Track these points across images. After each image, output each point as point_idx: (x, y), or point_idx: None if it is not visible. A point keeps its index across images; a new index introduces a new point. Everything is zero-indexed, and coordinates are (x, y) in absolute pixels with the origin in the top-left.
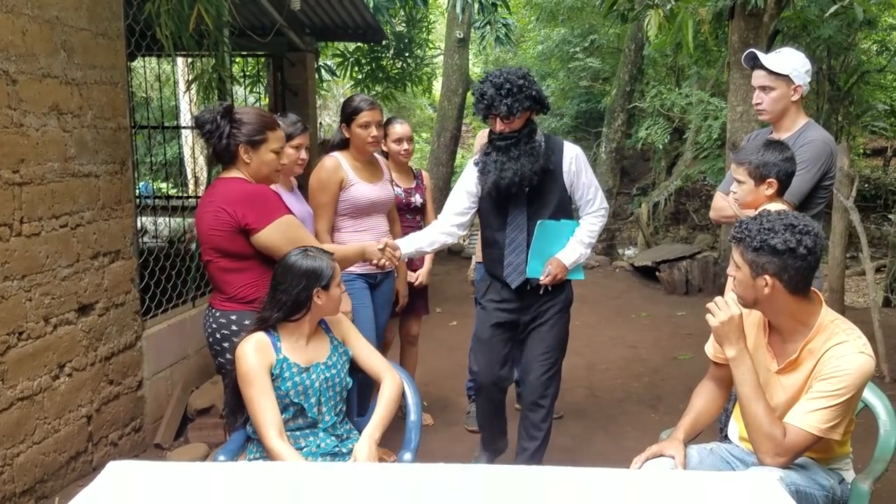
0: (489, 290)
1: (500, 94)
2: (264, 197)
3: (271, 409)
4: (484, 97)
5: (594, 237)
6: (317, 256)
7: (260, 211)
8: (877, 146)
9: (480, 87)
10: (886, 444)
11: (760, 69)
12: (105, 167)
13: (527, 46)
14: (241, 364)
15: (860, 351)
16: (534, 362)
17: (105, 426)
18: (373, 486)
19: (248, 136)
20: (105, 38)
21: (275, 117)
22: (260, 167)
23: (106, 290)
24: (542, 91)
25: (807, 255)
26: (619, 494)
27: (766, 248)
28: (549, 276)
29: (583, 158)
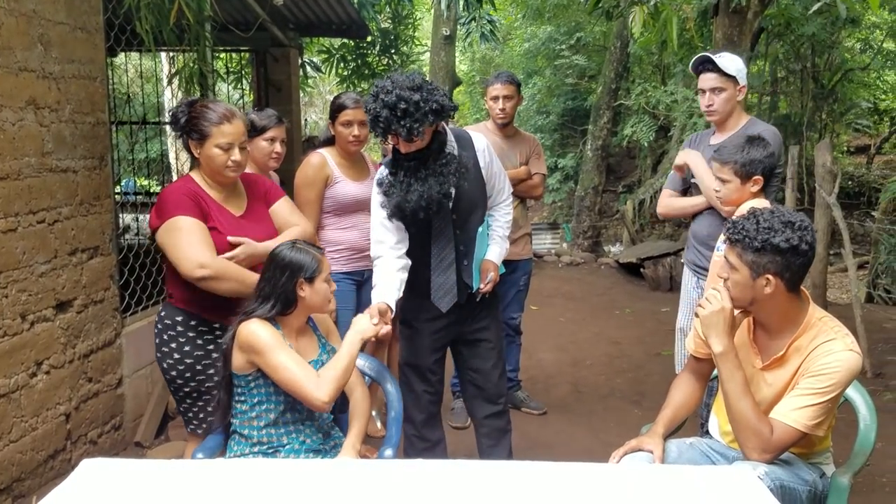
0: (421, 309)
1: (396, 115)
2: (165, 197)
3: (304, 365)
4: (379, 120)
5: (510, 227)
6: (303, 249)
7: (158, 210)
8: (860, 143)
9: (373, 106)
10: (866, 439)
11: (709, 72)
12: (83, 162)
13: (513, 44)
14: (254, 338)
15: (849, 349)
16: (491, 370)
17: (84, 424)
18: (354, 483)
19: (196, 129)
20: (83, 31)
21: (236, 112)
22: (207, 163)
23: (84, 286)
24: (445, 96)
25: (808, 251)
26: (597, 489)
27: (768, 248)
28: (491, 281)
29: (489, 146)
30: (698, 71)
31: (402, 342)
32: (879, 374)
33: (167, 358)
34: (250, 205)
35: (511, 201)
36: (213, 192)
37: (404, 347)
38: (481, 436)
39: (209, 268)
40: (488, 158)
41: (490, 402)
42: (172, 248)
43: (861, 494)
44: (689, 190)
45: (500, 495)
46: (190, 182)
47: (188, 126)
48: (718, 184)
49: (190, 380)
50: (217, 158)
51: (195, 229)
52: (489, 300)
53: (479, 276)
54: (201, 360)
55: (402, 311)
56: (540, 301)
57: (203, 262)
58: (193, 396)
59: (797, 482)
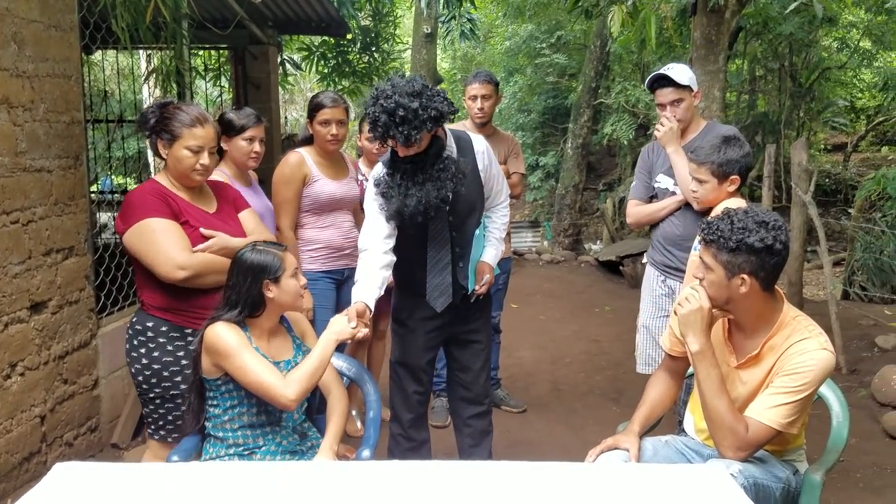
0: (416, 309)
1: (394, 121)
2: (130, 200)
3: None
4: (378, 124)
5: (507, 229)
6: (264, 250)
7: (123, 214)
8: (837, 141)
9: (372, 110)
10: (839, 436)
11: (665, 87)
12: (58, 162)
13: (494, 42)
14: (219, 341)
15: (822, 347)
16: (479, 372)
17: (59, 426)
18: (330, 485)
19: (166, 130)
20: (58, 30)
21: (209, 117)
22: (174, 164)
23: (59, 287)
24: (445, 101)
25: (782, 250)
26: (574, 488)
27: (743, 248)
28: (486, 283)
29: (489, 147)
30: (653, 88)
31: (395, 341)
32: (854, 370)
33: (136, 363)
34: (220, 206)
35: (508, 203)
36: (180, 193)
37: (397, 346)
38: (464, 436)
39: (189, 267)
40: (487, 161)
41: (475, 403)
42: (147, 252)
43: (835, 490)
44: (653, 197)
45: (478, 496)
46: (155, 184)
47: (159, 126)
48: (695, 184)
49: (156, 385)
50: (186, 160)
51: (168, 229)
52: (482, 302)
53: (475, 278)
54: (169, 367)
55: (396, 311)
56: (520, 299)
57: (182, 264)
58: (157, 402)
59: (771, 479)
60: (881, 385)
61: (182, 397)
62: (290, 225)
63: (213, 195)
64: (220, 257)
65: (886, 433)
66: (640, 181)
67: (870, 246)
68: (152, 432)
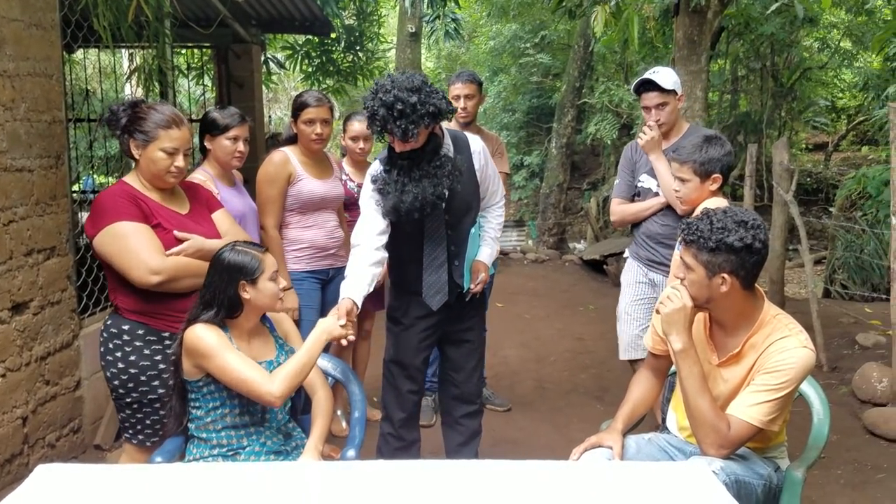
0: (411, 307)
1: (392, 115)
2: (100, 203)
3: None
4: (376, 118)
5: (501, 229)
6: (243, 251)
7: (92, 218)
8: (818, 141)
9: (371, 103)
10: (819, 432)
11: (651, 91)
12: (39, 161)
13: (479, 42)
14: (200, 342)
15: (803, 345)
16: (472, 371)
17: (42, 427)
18: (316, 485)
19: (139, 131)
20: (39, 28)
21: (183, 119)
22: (148, 165)
23: (41, 287)
24: (444, 99)
25: (761, 249)
26: (557, 486)
27: (722, 248)
28: (481, 282)
29: (485, 148)
30: (639, 91)
31: (389, 339)
32: (835, 367)
33: (111, 367)
34: (194, 207)
35: (503, 203)
36: (151, 194)
37: (391, 345)
38: (456, 433)
39: (162, 272)
40: (483, 161)
41: (467, 402)
42: (119, 257)
43: (816, 487)
44: (635, 196)
45: (463, 495)
46: (125, 185)
47: (132, 126)
48: (678, 183)
49: (132, 390)
50: (160, 162)
51: (140, 233)
52: (476, 301)
53: (470, 277)
54: (146, 371)
55: (392, 309)
56: (505, 298)
57: (155, 268)
58: (134, 407)
59: (752, 476)
60: (861, 382)
61: (160, 401)
62: (274, 224)
63: (185, 196)
64: (196, 260)
65: (867, 429)
66: (623, 180)
67: (850, 244)
68: (129, 436)
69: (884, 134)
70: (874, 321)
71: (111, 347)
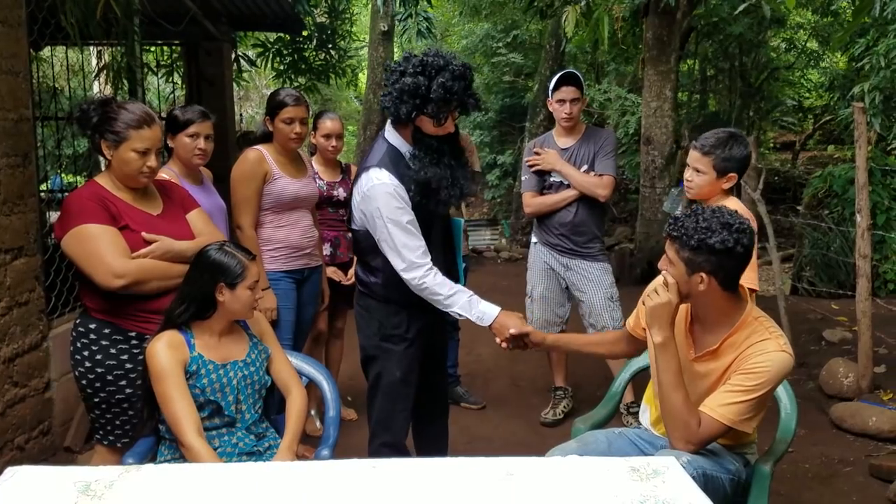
0: (412, 322)
1: (468, 84)
2: (68, 205)
3: (188, 406)
4: (452, 92)
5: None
6: (231, 253)
7: (61, 219)
8: (786, 140)
9: (442, 80)
10: (787, 427)
11: (572, 86)
12: (6, 160)
13: (451, 41)
14: (153, 362)
15: (781, 349)
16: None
17: (10, 430)
18: (289, 485)
19: (111, 131)
20: (5, 25)
21: (154, 117)
22: (120, 166)
23: (9, 288)
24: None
25: (743, 253)
26: (527, 481)
27: (703, 248)
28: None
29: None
30: (559, 85)
31: (392, 361)
32: (802, 363)
33: (79, 366)
34: (167, 207)
35: None
36: (122, 194)
37: (395, 366)
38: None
39: (126, 275)
40: None
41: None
42: (84, 260)
43: (785, 481)
44: (545, 189)
45: (435, 492)
46: (95, 186)
47: (102, 126)
48: (692, 173)
49: (100, 390)
50: (133, 163)
51: (105, 236)
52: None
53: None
54: (113, 370)
55: (391, 327)
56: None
57: (118, 272)
58: (103, 407)
59: (720, 471)
60: (828, 377)
61: (128, 402)
62: (250, 223)
63: (158, 196)
64: (163, 262)
65: (833, 424)
66: (532, 175)
67: (817, 242)
68: (100, 437)
69: (849, 133)
70: (841, 317)
71: (79, 347)
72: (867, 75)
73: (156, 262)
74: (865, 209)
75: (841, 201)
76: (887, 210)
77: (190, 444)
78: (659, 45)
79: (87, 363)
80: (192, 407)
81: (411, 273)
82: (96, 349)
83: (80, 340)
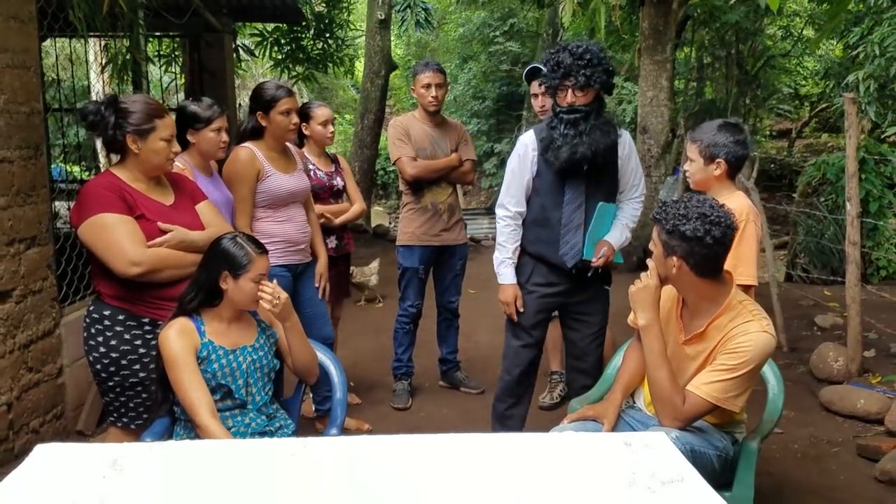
0: (533, 273)
1: (580, 63)
2: (88, 194)
3: (201, 389)
4: (560, 65)
5: (636, 222)
6: (240, 244)
7: (78, 208)
8: (782, 128)
9: (555, 55)
10: (774, 406)
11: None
12: (19, 152)
13: (448, 28)
14: (165, 348)
15: (763, 330)
16: (590, 345)
17: (26, 413)
18: (304, 460)
19: (136, 125)
20: (16, 21)
21: (161, 105)
22: (150, 157)
23: (23, 276)
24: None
25: (713, 244)
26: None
27: (676, 233)
28: (603, 257)
29: (632, 142)
30: (529, 79)
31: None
32: (794, 348)
33: (93, 351)
34: (178, 198)
35: (642, 199)
36: (138, 185)
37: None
38: None
39: (143, 263)
40: (627, 152)
41: (587, 375)
42: (101, 248)
43: (774, 461)
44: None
45: (433, 466)
46: (112, 176)
47: (123, 122)
48: (687, 162)
49: (115, 374)
50: (162, 152)
51: (122, 225)
52: (598, 288)
53: (594, 251)
54: (128, 355)
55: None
56: (478, 285)
57: (135, 259)
58: (117, 391)
59: (707, 447)
60: (818, 362)
61: (142, 385)
62: (247, 224)
63: (170, 187)
64: (177, 251)
65: (823, 406)
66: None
67: (811, 230)
68: (115, 419)
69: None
70: (832, 303)
71: (93, 332)
72: (862, 63)
73: (171, 251)
74: (855, 197)
75: (835, 189)
76: (880, 198)
77: (205, 425)
78: (655, 34)
79: (101, 348)
80: (204, 390)
81: (498, 210)
82: (111, 335)
83: (94, 326)
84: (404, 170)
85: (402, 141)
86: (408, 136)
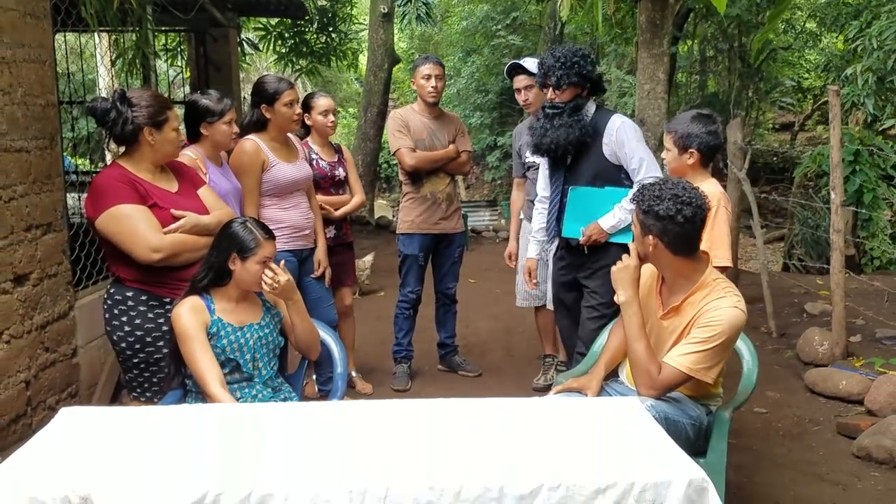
0: (557, 248)
1: (555, 66)
2: (101, 186)
3: (211, 362)
4: (543, 66)
5: None
6: (250, 229)
7: (94, 200)
8: (785, 121)
9: (544, 57)
10: (748, 380)
11: (521, 75)
12: (35, 142)
13: (452, 22)
14: (178, 324)
15: (734, 306)
16: (587, 319)
17: (43, 391)
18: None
19: (151, 117)
20: (32, 17)
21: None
22: (164, 146)
23: (39, 261)
24: (598, 75)
25: (684, 222)
26: (511, 417)
27: (651, 213)
28: (584, 236)
29: (628, 131)
30: (511, 75)
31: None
32: (783, 334)
33: (117, 331)
34: (182, 184)
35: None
36: (144, 175)
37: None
38: None
39: (163, 249)
40: (616, 139)
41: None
42: (122, 237)
43: (759, 438)
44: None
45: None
46: (119, 168)
47: (141, 116)
48: (664, 151)
49: (140, 351)
50: (175, 140)
51: (139, 214)
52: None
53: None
54: (151, 333)
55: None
56: (478, 274)
57: (156, 246)
58: (141, 367)
59: (681, 416)
60: (805, 346)
61: (165, 360)
62: (255, 212)
63: (173, 175)
64: (192, 236)
65: (808, 388)
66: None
67: (807, 221)
68: (137, 395)
69: (845, 113)
70: (823, 291)
71: (116, 313)
72: (861, 56)
73: (186, 236)
74: (839, 186)
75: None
76: (873, 189)
77: (215, 395)
78: (652, 28)
79: (126, 327)
80: (214, 362)
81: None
82: (134, 314)
83: (117, 307)
84: (403, 160)
85: (402, 132)
86: (407, 128)
